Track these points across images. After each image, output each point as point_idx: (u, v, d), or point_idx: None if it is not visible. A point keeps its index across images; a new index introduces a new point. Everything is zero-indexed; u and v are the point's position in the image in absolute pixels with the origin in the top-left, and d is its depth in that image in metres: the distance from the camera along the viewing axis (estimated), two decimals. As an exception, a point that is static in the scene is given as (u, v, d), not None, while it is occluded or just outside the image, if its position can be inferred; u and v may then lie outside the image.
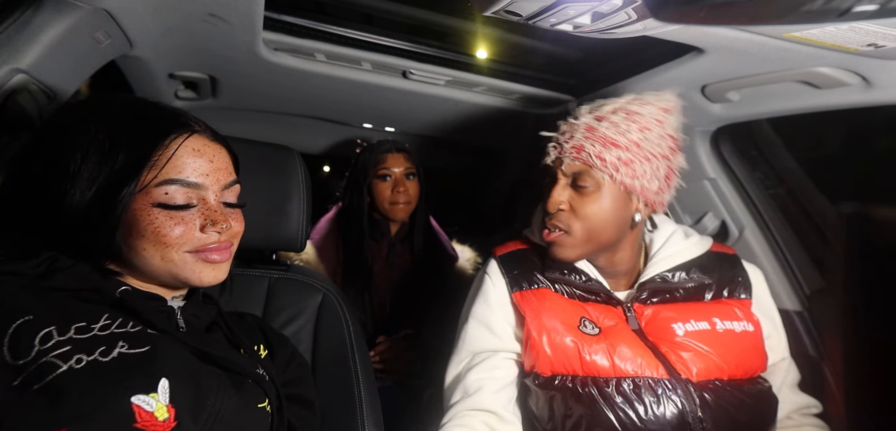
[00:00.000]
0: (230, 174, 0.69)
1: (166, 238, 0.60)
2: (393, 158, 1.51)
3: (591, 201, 0.90)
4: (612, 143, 0.88)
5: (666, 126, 0.91)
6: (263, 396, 0.69)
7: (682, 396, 0.85)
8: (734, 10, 0.67)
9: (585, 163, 0.89)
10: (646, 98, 0.92)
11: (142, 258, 0.61)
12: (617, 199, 0.90)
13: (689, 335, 0.90)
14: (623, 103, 0.91)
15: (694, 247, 1.00)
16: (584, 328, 0.91)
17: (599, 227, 0.90)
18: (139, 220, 0.59)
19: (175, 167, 0.61)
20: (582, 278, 0.98)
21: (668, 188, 0.94)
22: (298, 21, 1.12)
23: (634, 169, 0.88)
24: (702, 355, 0.88)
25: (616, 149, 0.88)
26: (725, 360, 0.88)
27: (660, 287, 0.96)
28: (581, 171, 0.90)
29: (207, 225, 0.63)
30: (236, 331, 0.75)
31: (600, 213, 0.90)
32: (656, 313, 0.93)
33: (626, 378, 0.86)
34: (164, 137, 0.61)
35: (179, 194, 0.61)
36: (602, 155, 0.88)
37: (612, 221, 0.91)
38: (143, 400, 0.53)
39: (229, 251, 0.68)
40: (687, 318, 0.92)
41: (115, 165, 0.58)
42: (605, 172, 0.88)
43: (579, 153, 0.89)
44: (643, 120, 0.89)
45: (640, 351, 0.88)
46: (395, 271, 1.57)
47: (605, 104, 0.92)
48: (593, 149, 0.88)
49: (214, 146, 0.67)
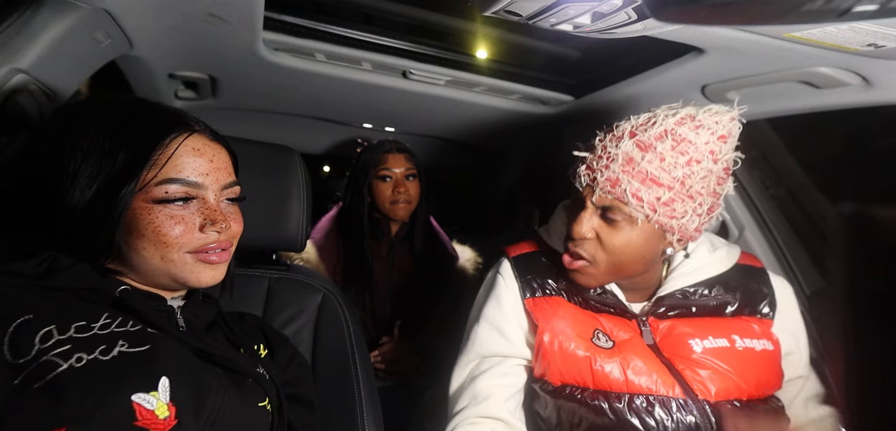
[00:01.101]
0: (230, 174, 0.69)
1: (166, 238, 0.60)
2: (394, 159, 1.51)
3: (621, 236, 0.82)
4: (654, 181, 0.78)
5: (719, 159, 0.80)
6: (264, 395, 0.69)
7: (697, 415, 0.81)
8: (734, 10, 0.67)
9: (620, 199, 0.80)
10: (701, 119, 0.79)
11: (141, 258, 0.61)
12: (650, 236, 0.82)
13: (707, 353, 0.86)
14: (673, 126, 0.79)
15: (719, 262, 0.94)
16: (598, 340, 0.88)
17: (627, 262, 0.84)
18: (139, 219, 0.59)
19: (175, 166, 0.61)
20: (597, 291, 0.94)
21: (708, 220, 0.84)
22: (298, 21, 1.12)
23: (674, 209, 0.78)
24: (721, 373, 0.84)
25: (657, 188, 0.78)
26: (745, 380, 0.85)
27: (678, 302, 0.91)
28: (613, 205, 0.81)
29: (207, 225, 0.63)
30: (236, 331, 0.75)
31: (629, 249, 0.82)
32: (672, 327, 0.89)
33: (640, 394, 0.83)
34: (165, 136, 0.61)
35: (179, 193, 0.61)
36: (639, 194, 0.78)
37: (640, 257, 0.84)
38: (143, 399, 0.53)
39: (228, 252, 0.68)
40: (705, 334, 0.87)
41: (115, 164, 0.58)
42: (640, 213, 0.79)
43: (614, 188, 0.80)
44: (694, 151, 0.78)
45: (654, 367, 0.85)
46: (395, 271, 1.57)
47: (652, 126, 0.80)
48: (631, 186, 0.78)
49: (214, 146, 0.67)
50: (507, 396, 0.92)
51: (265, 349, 0.80)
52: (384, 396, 1.01)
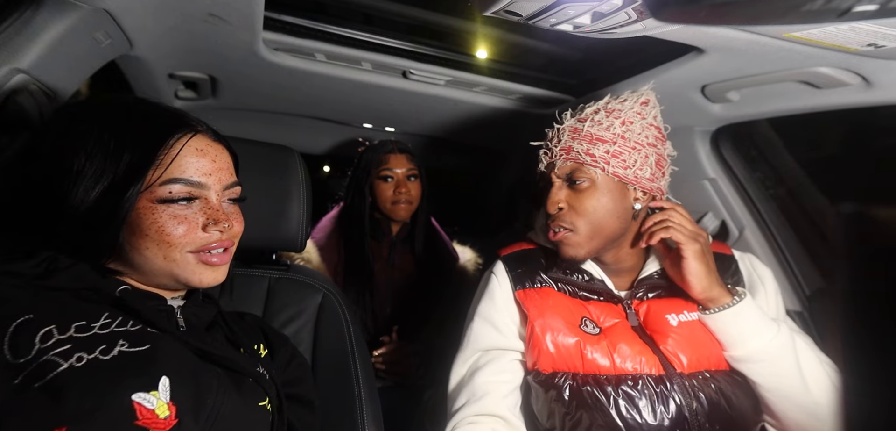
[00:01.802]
0: (231, 175, 0.69)
1: (170, 237, 0.61)
2: (395, 159, 1.51)
3: (589, 197, 0.92)
4: (598, 138, 0.91)
5: (647, 118, 0.94)
6: (264, 395, 0.70)
7: (678, 391, 0.86)
8: (734, 10, 0.67)
9: (576, 161, 0.93)
10: (622, 95, 0.95)
11: (144, 258, 0.61)
12: (613, 191, 0.92)
13: (682, 326, 0.91)
14: (602, 104, 0.94)
15: None
16: (585, 327, 0.92)
17: (603, 220, 0.92)
18: (143, 219, 0.60)
19: (179, 166, 0.62)
20: (585, 277, 0.99)
21: (661, 175, 0.96)
22: (298, 21, 1.12)
23: (624, 160, 0.91)
24: (693, 344, 0.90)
25: (603, 144, 0.91)
26: (712, 349, 0.90)
27: (656, 283, 0.97)
28: (573, 169, 0.93)
29: (210, 224, 0.64)
30: (236, 330, 0.75)
31: (600, 207, 0.92)
32: (651, 307, 0.95)
33: (627, 376, 0.87)
34: (169, 136, 0.62)
35: (183, 192, 0.62)
36: (590, 151, 0.91)
37: (613, 212, 0.92)
38: (143, 398, 0.53)
39: (229, 253, 0.68)
40: (681, 310, 0.93)
41: (119, 164, 0.59)
42: (596, 166, 0.91)
43: (569, 154, 0.93)
44: (624, 115, 0.92)
45: (639, 349, 0.89)
46: (396, 271, 1.57)
47: (586, 107, 0.96)
48: (581, 147, 0.92)
49: (217, 147, 0.68)
50: (506, 392, 0.94)
51: (265, 349, 0.80)
52: (384, 396, 1.01)
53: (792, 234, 1.26)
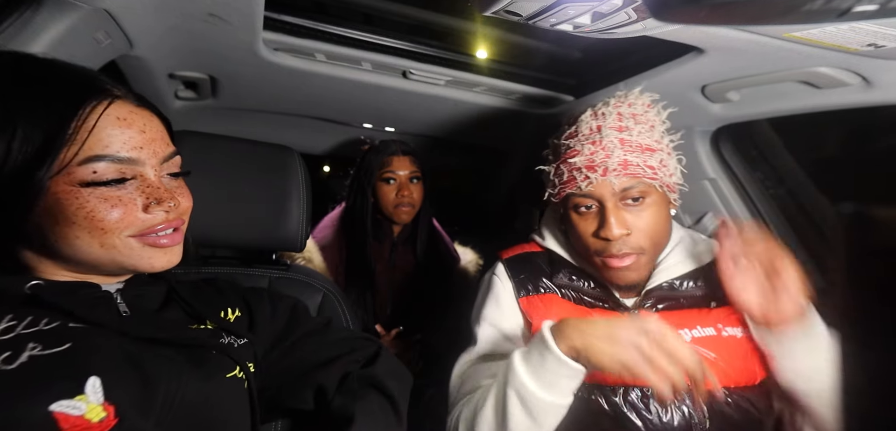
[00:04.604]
0: (167, 145, 0.60)
1: (103, 223, 0.53)
2: (398, 161, 1.51)
3: (649, 212, 0.86)
4: (648, 148, 0.86)
5: (661, 117, 0.93)
6: (232, 365, 0.63)
7: (688, 405, 0.84)
8: (734, 10, 0.67)
9: (634, 176, 0.85)
10: (629, 101, 0.91)
11: (74, 247, 0.54)
12: (662, 202, 0.89)
13: (695, 342, 0.88)
14: (626, 110, 0.88)
15: (703, 256, 0.97)
16: None
17: (663, 236, 0.89)
18: (65, 205, 0.52)
19: (100, 141, 0.53)
20: (589, 284, 0.97)
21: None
22: (298, 21, 1.12)
23: (668, 166, 0.88)
24: (708, 362, 0.86)
25: (653, 153, 0.86)
26: (731, 366, 0.87)
27: (666, 294, 0.94)
28: (630, 185, 0.86)
29: (151, 204, 0.56)
30: (195, 304, 0.68)
31: (659, 221, 0.87)
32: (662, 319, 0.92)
33: (634, 386, 0.85)
34: (79, 105, 0.52)
35: (111, 172, 0.53)
36: (649, 162, 0.85)
37: (666, 226, 0.89)
38: (66, 406, 0.45)
39: (180, 232, 0.61)
40: (693, 324, 0.90)
41: (13, 142, 0.49)
42: (655, 179, 0.85)
43: (626, 169, 0.85)
44: (650, 118, 0.90)
45: None
46: (397, 272, 1.57)
47: (608, 113, 0.87)
48: (639, 159, 0.85)
49: (143, 113, 0.58)
50: None
51: (237, 312, 0.74)
52: (384, 396, 1.00)
53: (792, 234, 1.26)
